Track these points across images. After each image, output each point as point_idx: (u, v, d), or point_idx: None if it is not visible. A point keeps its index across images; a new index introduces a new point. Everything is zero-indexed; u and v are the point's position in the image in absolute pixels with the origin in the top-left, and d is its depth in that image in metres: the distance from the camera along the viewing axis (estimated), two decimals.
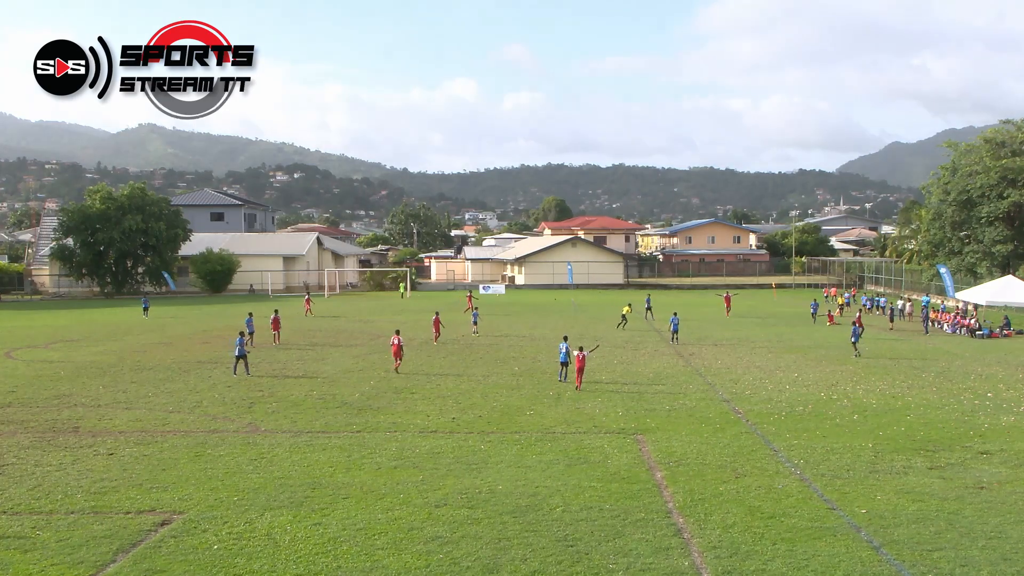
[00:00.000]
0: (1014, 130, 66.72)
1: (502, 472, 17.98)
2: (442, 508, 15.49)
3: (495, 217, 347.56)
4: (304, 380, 30.32)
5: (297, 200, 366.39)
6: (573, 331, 41.33)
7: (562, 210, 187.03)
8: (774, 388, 28.85)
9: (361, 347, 40.12)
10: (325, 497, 16.17)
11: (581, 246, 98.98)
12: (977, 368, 34.01)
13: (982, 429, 22.51)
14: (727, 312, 57.44)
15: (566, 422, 23.23)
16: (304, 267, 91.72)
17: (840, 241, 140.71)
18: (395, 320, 53.64)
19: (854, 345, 37.41)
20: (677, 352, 37.95)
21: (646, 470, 18.24)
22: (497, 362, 34.95)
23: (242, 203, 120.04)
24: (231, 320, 54.45)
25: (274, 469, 18.24)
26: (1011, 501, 16.05)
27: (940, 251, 70.00)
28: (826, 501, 15.99)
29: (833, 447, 20.34)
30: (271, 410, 24.88)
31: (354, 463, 18.77)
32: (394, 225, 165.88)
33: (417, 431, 22.13)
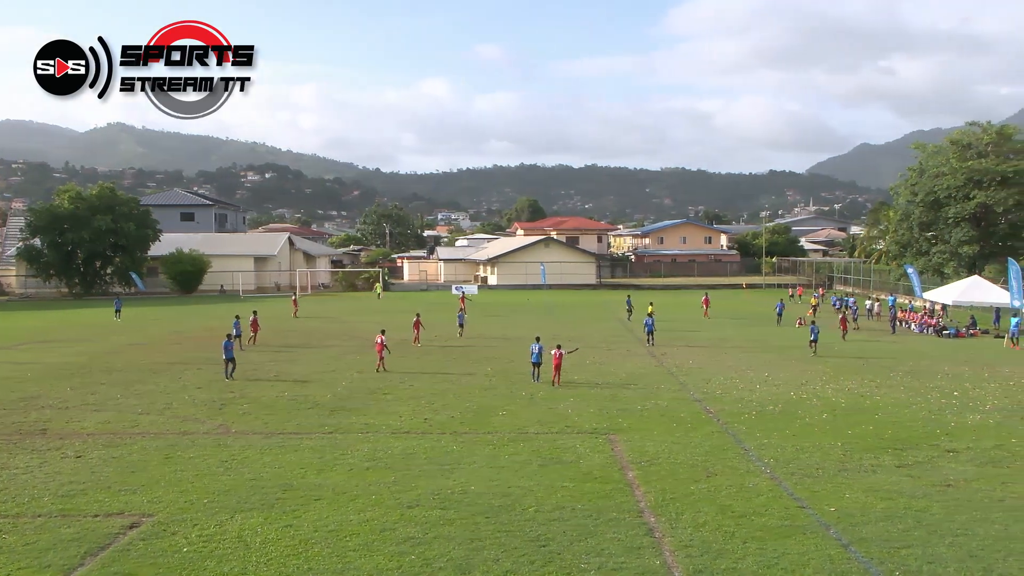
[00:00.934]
0: (980, 132, 67.49)
1: (475, 472, 17.96)
2: (415, 509, 15.45)
3: (468, 217, 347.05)
4: (276, 381, 30.12)
5: (269, 200, 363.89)
6: (547, 331, 41.36)
7: (535, 210, 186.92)
8: (745, 388, 29.04)
9: (334, 348, 39.93)
10: (297, 499, 16.08)
11: (554, 246, 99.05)
12: (944, 367, 34.43)
13: (949, 427, 22.80)
14: (705, 313, 56.54)
15: (539, 422, 23.25)
16: (276, 267, 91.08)
17: (810, 242, 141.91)
18: (369, 320, 53.45)
19: (812, 344, 37.78)
20: (650, 352, 38.11)
21: (619, 470, 18.30)
22: (471, 363, 34.91)
23: (213, 203, 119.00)
24: (202, 321, 54.04)
25: (245, 471, 18.11)
26: (977, 499, 16.26)
27: (908, 251, 70.67)
28: (796, 500, 16.12)
29: (803, 446, 20.51)
30: (242, 411, 24.70)
31: (326, 464, 18.68)
32: (367, 225, 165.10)
33: (390, 432, 22.06)
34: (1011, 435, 21.87)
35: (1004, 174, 62.41)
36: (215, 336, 44.40)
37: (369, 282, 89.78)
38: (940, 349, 41.41)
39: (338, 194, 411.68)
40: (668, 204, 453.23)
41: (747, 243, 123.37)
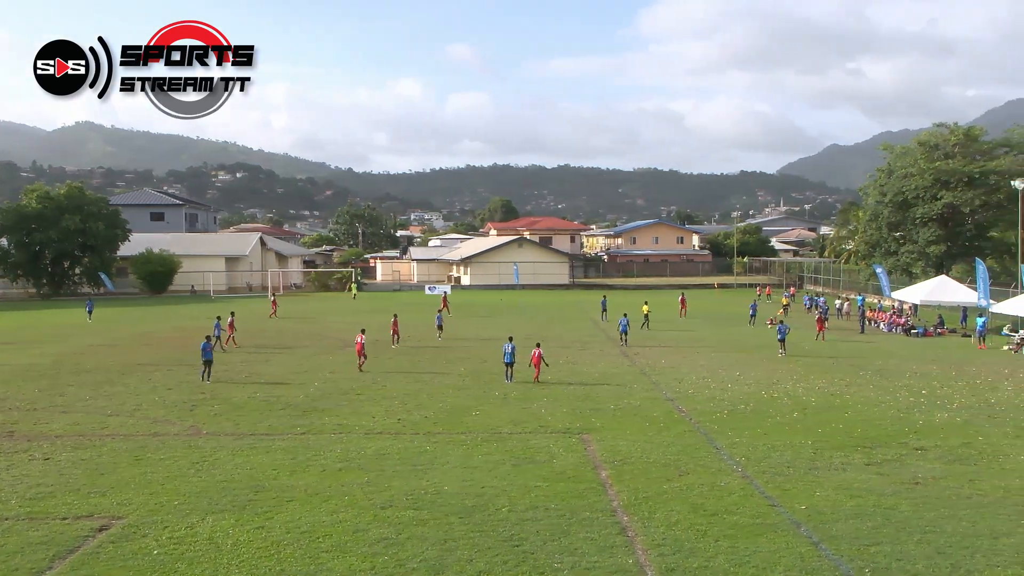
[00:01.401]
0: (947, 133, 68.16)
1: (448, 473, 17.94)
2: (388, 510, 15.40)
3: (441, 218, 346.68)
4: (248, 382, 29.91)
5: (240, 200, 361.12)
6: (520, 331, 41.40)
7: (508, 211, 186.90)
8: (717, 387, 29.22)
9: (307, 349, 39.71)
10: (269, 500, 15.98)
11: (527, 246, 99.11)
12: (912, 366, 34.82)
13: (917, 426, 23.06)
14: (683, 313, 56.37)
15: (513, 422, 23.26)
16: (247, 267, 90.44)
17: (780, 242, 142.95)
18: (342, 321, 53.24)
19: (781, 343, 38.00)
20: (623, 352, 38.22)
21: (592, 469, 18.35)
22: (444, 363, 34.86)
23: (183, 203, 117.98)
24: (172, 321, 53.55)
25: (216, 472, 17.97)
26: (945, 496, 16.45)
27: (877, 251, 71.29)
28: (767, 498, 16.24)
29: (774, 445, 20.66)
30: (214, 413, 24.51)
31: (299, 465, 18.57)
32: (339, 225, 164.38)
33: (363, 432, 21.98)
34: (978, 433, 22.16)
35: (971, 175, 63.10)
36: (185, 337, 44.06)
37: (342, 282, 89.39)
38: (908, 348, 41.88)
39: (310, 194, 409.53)
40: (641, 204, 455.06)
41: (719, 243, 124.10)
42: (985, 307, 46.37)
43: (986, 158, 65.60)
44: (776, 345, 38.59)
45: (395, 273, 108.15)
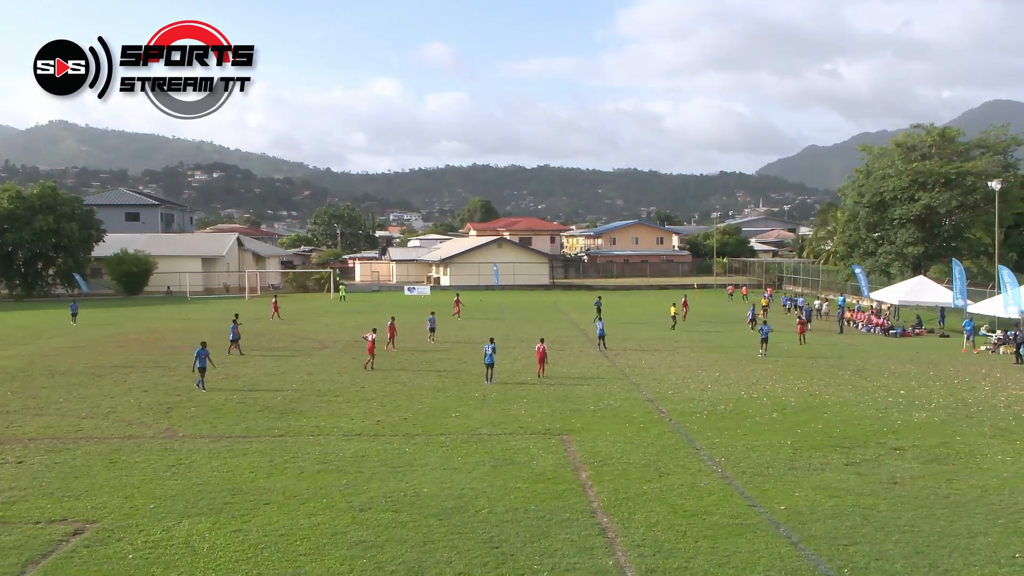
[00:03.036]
0: (924, 134, 68.58)
1: (427, 474, 17.91)
2: (366, 512, 15.35)
3: (420, 218, 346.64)
4: (225, 384, 29.72)
5: (217, 200, 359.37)
6: (499, 332, 41.40)
7: (488, 211, 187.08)
8: (697, 387, 29.32)
9: (284, 350, 39.53)
10: (246, 503, 15.89)
11: (507, 247, 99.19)
12: (891, 366, 35.09)
13: (896, 426, 23.24)
14: (684, 316, 53.55)
15: (492, 423, 23.25)
16: (224, 268, 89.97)
17: (760, 242, 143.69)
18: (320, 322, 53.03)
19: (763, 344, 38.04)
20: (603, 353, 38.28)
21: (571, 470, 18.37)
22: (423, 364, 34.80)
23: (159, 203, 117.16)
24: (148, 323, 53.14)
25: (192, 475, 17.85)
26: (923, 496, 16.58)
27: (855, 252, 71.64)
28: (747, 498, 16.31)
29: (753, 445, 20.77)
30: (190, 415, 24.35)
31: (276, 468, 18.48)
32: (317, 226, 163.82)
33: (341, 434, 21.91)
34: (955, 433, 22.34)
35: (948, 176, 63.41)
36: (161, 338, 43.81)
37: (320, 283, 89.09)
38: (887, 348, 42.19)
39: (288, 194, 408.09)
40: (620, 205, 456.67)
41: (698, 244, 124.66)
42: (962, 307, 46.78)
43: (963, 159, 66.04)
44: (755, 345, 38.79)
45: (374, 274, 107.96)
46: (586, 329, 48.74)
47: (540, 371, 31.38)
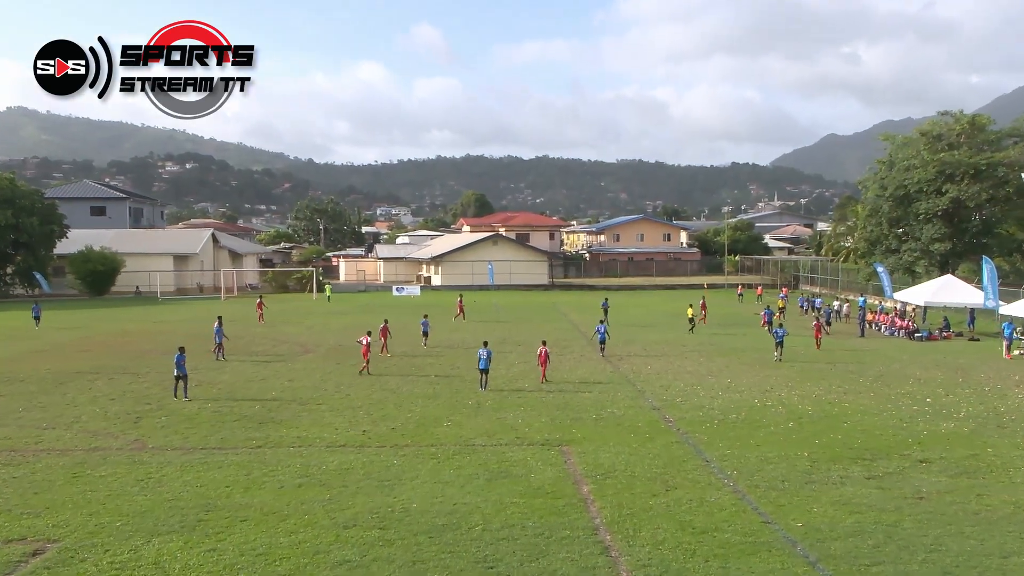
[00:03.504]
0: (952, 122, 68.40)
1: (417, 489, 17.89)
2: (351, 529, 15.33)
3: (410, 213, 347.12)
4: (199, 391, 29.67)
5: (190, 193, 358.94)
6: (494, 335, 41.38)
7: (482, 205, 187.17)
8: (706, 395, 29.33)
9: (263, 355, 39.47)
10: (221, 520, 15.85)
11: (503, 244, 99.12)
12: (916, 372, 35.12)
13: (921, 436, 23.24)
14: (703, 319, 53.79)
15: (486, 433, 23.23)
16: (197, 267, 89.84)
17: (774, 239, 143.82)
18: (302, 324, 52.98)
19: (779, 347, 38.05)
20: (605, 358, 38.27)
21: (571, 484, 18.35)
22: (413, 369, 34.77)
23: (127, 196, 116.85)
24: (115, 325, 53.06)
25: (163, 490, 17.81)
26: (951, 512, 16.58)
27: (877, 249, 71.60)
28: (760, 514, 16.31)
29: (767, 457, 20.76)
30: (160, 425, 24.31)
31: (254, 482, 18.45)
32: (299, 221, 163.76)
33: (324, 445, 21.88)
34: (986, 444, 22.36)
35: (977, 167, 63.28)
36: (129, 342, 43.72)
37: (302, 283, 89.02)
38: (911, 353, 42.22)
39: (267, 187, 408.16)
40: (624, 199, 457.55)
41: (708, 240, 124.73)
42: (994, 308, 46.80)
43: (993, 149, 65.92)
44: (769, 348, 38.82)
45: (360, 273, 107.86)
46: (587, 332, 48.72)
47: (543, 377, 31.73)
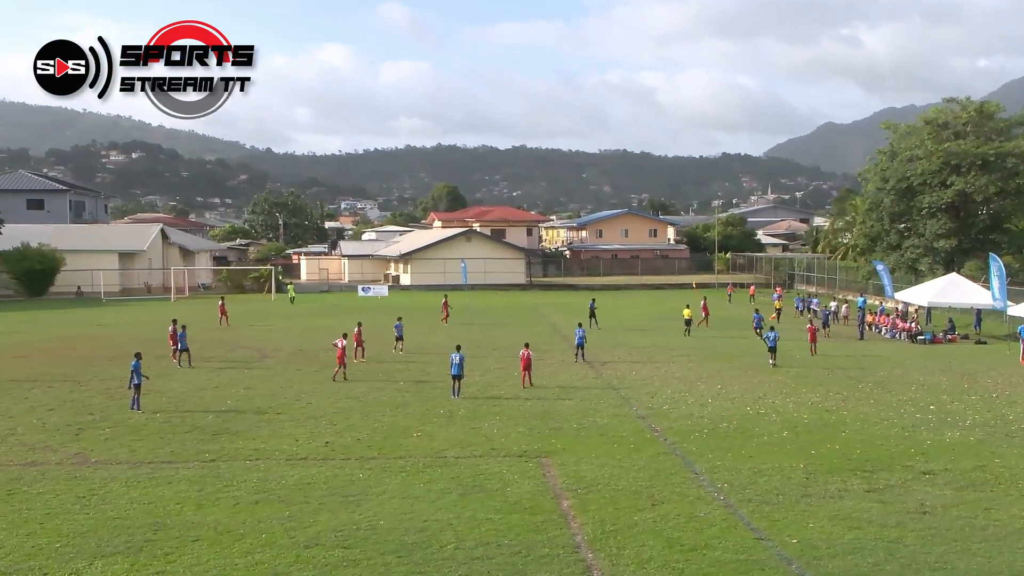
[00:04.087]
0: (958, 110, 68.44)
1: (384, 505, 17.87)
2: (313, 549, 15.29)
3: (377, 207, 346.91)
4: (147, 401, 29.44)
5: (137, 185, 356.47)
6: (468, 339, 41.35)
7: (455, 199, 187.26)
8: (695, 402, 29.45)
9: (217, 360, 39.26)
10: (171, 540, 15.76)
11: (477, 240, 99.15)
12: (919, 377, 35.38)
13: (924, 446, 23.42)
14: (705, 323, 54.00)
15: (459, 444, 23.23)
16: (145, 265, 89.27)
17: (768, 234, 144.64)
18: (261, 327, 52.71)
19: (771, 352, 37.75)
20: (587, 362, 38.31)
21: (551, 498, 18.38)
22: (380, 376, 34.70)
23: (67, 188, 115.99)
24: (54, 329, 52.64)
25: (108, 508, 17.69)
26: (957, 527, 16.71)
27: (878, 246, 71.66)
28: (753, 530, 16.39)
29: (761, 468, 20.87)
30: (105, 437, 24.14)
31: (207, 498, 18.37)
32: (256, 216, 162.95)
33: (284, 458, 21.81)
34: (994, 455, 22.56)
35: (985, 157, 63.28)
36: (70, 348, 43.37)
37: (260, 282, 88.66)
38: (914, 356, 42.52)
39: (221, 178, 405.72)
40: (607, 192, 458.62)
41: (697, 236, 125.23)
42: (1002, 309, 47.13)
43: (1003, 138, 66.01)
44: (763, 352, 38.95)
45: (323, 271, 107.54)
46: (569, 335, 48.76)
47: (525, 380, 32.29)
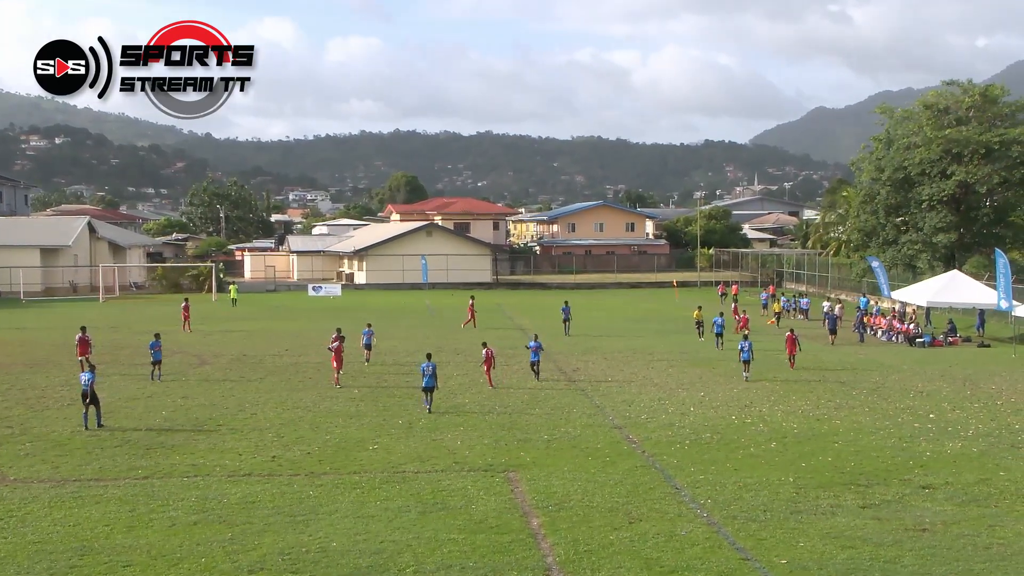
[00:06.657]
0: (959, 93, 68.49)
1: (336, 524, 17.80)
2: (257, 574, 15.23)
3: (328, 198, 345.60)
4: (71, 411, 29.20)
5: (61, 173, 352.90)
6: (430, 344, 41.29)
7: (414, 189, 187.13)
8: (676, 411, 29.55)
9: (149, 367, 38.86)
10: (98, 566, 15.63)
11: (438, 235, 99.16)
12: (917, 383, 35.63)
13: (923, 458, 23.60)
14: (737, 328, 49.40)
15: (419, 458, 23.20)
16: (71, 262, 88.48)
17: (754, 229, 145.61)
18: (200, 330, 52.37)
19: (745, 365, 35.92)
20: (558, 368, 38.33)
21: (520, 516, 18.38)
22: (331, 384, 34.55)
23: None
24: None
25: (27, 531, 17.52)
26: (958, 546, 16.82)
27: (872, 241, 71.80)
28: (739, 550, 16.45)
29: (747, 483, 20.96)
30: (23, 452, 23.92)
31: (139, 519, 18.22)
32: (195, 208, 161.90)
33: (225, 475, 21.69)
34: (998, 467, 22.75)
35: (988, 145, 63.45)
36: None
37: (199, 281, 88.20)
38: (912, 361, 42.78)
39: (155, 166, 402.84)
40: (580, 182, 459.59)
41: (678, 231, 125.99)
42: (1007, 309, 47.39)
43: (1007, 124, 66.23)
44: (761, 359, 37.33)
45: (269, 269, 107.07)
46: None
47: (490, 382, 33.80)
